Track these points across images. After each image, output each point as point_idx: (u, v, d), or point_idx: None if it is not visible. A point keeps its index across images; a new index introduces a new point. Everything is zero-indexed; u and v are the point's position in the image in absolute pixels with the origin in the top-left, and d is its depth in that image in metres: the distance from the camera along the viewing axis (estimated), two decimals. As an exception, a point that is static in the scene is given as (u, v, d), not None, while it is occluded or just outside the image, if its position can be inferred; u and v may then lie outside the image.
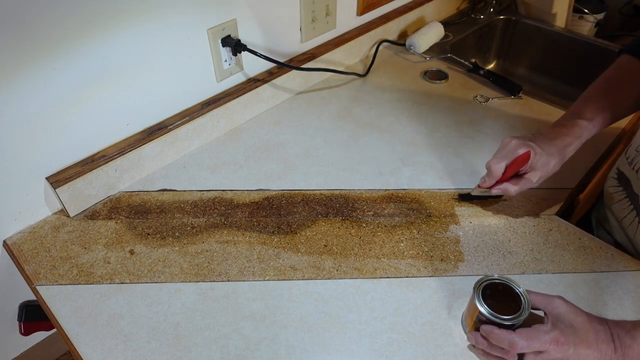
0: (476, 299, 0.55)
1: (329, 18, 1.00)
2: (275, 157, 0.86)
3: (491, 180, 0.69)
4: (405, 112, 0.97)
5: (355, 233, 0.72)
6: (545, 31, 1.28)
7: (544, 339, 0.51)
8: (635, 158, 0.67)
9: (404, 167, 0.84)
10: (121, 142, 0.77)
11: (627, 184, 0.69)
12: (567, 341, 0.51)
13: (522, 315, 0.54)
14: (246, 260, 0.68)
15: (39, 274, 0.66)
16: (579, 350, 0.51)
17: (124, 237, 0.71)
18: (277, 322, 0.61)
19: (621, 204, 0.70)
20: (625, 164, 0.70)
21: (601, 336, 0.52)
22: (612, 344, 0.52)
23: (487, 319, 0.54)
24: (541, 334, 0.52)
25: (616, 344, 0.52)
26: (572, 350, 0.51)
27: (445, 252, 0.69)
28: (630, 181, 0.68)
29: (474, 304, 0.55)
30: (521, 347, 0.52)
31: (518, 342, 0.52)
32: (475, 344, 0.57)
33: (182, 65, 0.79)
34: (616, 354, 0.51)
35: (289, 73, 0.96)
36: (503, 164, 0.67)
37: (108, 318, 0.61)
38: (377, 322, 0.61)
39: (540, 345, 0.51)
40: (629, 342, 0.52)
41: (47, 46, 0.62)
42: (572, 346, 0.51)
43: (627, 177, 0.69)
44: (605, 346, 0.52)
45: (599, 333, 0.52)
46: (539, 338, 0.52)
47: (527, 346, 0.52)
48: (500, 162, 0.67)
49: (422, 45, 1.13)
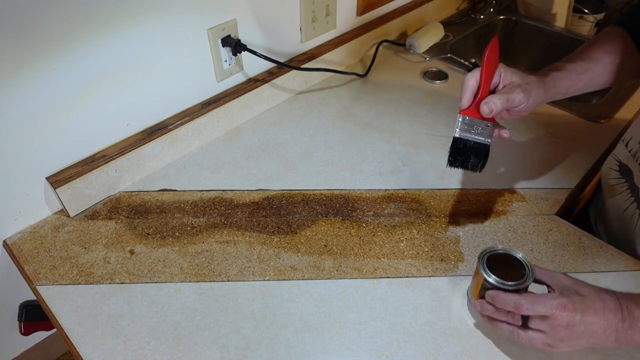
0: (481, 268, 0.55)
1: (329, 18, 1.00)
2: (275, 157, 0.86)
3: (466, 90, 0.60)
4: (405, 112, 0.97)
5: (355, 233, 0.72)
6: (545, 31, 1.28)
7: (550, 304, 0.51)
8: (638, 150, 0.67)
9: (404, 167, 0.84)
10: (121, 142, 0.77)
11: (629, 176, 0.69)
12: (575, 307, 0.50)
13: (527, 281, 0.54)
14: (246, 260, 0.68)
15: (39, 274, 0.66)
16: (586, 317, 0.50)
17: (124, 237, 0.71)
18: (277, 322, 0.61)
19: (622, 195, 0.70)
20: (628, 156, 0.69)
21: (609, 305, 0.51)
22: (620, 313, 0.51)
23: (492, 285, 0.54)
24: (547, 299, 0.52)
25: (624, 313, 0.51)
26: (579, 317, 0.50)
27: (445, 252, 0.69)
28: (633, 173, 0.68)
29: (479, 273, 0.56)
30: (526, 308, 0.51)
31: (523, 303, 0.51)
32: (481, 311, 0.57)
33: (182, 65, 0.79)
34: (623, 324, 0.51)
35: (289, 73, 0.96)
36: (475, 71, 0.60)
37: (108, 318, 0.61)
38: (377, 322, 0.61)
39: (546, 310, 0.51)
40: (638, 313, 0.51)
41: (47, 46, 0.62)
42: (580, 313, 0.50)
43: (630, 169, 0.69)
44: (612, 315, 0.51)
45: (606, 302, 0.51)
46: (545, 302, 0.51)
47: (532, 308, 0.51)
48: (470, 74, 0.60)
49: (422, 45, 1.13)
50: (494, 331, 0.59)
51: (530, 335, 0.53)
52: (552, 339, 0.52)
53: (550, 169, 0.83)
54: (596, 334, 0.51)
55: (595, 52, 0.68)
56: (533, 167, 0.83)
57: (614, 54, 0.68)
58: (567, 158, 0.85)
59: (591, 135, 0.90)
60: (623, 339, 0.51)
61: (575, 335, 0.51)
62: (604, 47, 0.69)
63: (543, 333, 0.52)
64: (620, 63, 0.68)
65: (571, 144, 0.88)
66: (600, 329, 0.51)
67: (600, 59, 0.68)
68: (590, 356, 0.57)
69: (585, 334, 0.51)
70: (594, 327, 0.51)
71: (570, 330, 0.51)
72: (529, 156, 0.86)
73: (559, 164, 0.84)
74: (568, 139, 0.89)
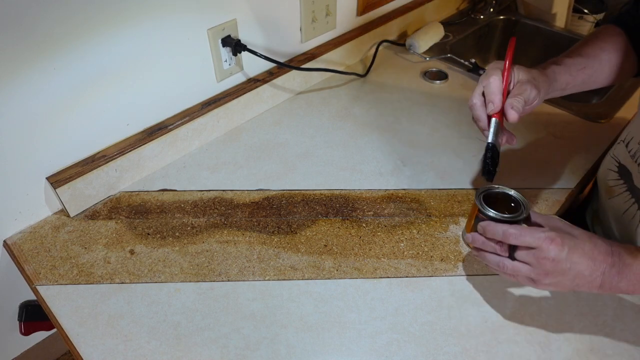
0: (477, 201, 0.56)
1: (329, 18, 1.00)
2: (275, 157, 0.86)
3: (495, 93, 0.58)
4: (405, 112, 0.97)
5: (355, 233, 0.72)
6: (545, 31, 1.28)
7: (538, 235, 0.51)
8: (637, 151, 0.67)
9: (404, 167, 0.84)
10: (121, 142, 0.77)
11: (628, 177, 0.68)
12: (563, 242, 0.50)
13: (521, 215, 0.54)
14: (246, 260, 0.68)
15: (39, 274, 0.66)
16: (573, 255, 0.50)
17: (124, 237, 0.71)
18: (277, 322, 0.61)
19: (622, 197, 0.70)
20: (627, 157, 0.69)
21: (599, 248, 0.51)
22: (610, 258, 0.50)
23: (486, 216, 0.55)
24: (536, 231, 0.51)
25: (614, 259, 0.51)
26: (565, 254, 0.50)
27: (445, 252, 0.69)
28: (632, 174, 0.68)
29: (474, 208, 0.56)
30: (514, 236, 0.51)
31: (512, 232, 0.51)
32: (472, 243, 0.57)
33: (182, 65, 0.79)
34: (611, 269, 0.50)
35: (289, 73, 0.96)
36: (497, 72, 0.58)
37: (108, 318, 0.61)
38: (377, 322, 0.61)
39: (534, 241, 0.50)
40: (629, 260, 0.50)
41: (47, 46, 0.62)
42: (567, 249, 0.50)
43: (629, 170, 0.68)
44: (601, 258, 0.50)
45: (597, 245, 0.51)
46: (533, 234, 0.51)
47: (520, 237, 0.51)
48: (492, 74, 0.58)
49: (422, 45, 1.13)
50: (494, 331, 0.59)
51: (515, 266, 0.53)
52: (536, 273, 0.52)
53: (550, 169, 0.83)
54: (582, 275, 0.50)
55: (594, 50, 0.69)
56: (533, 167, 0.83)
57: (612, 52, 0.68)
58: (567, 158, 0.85)
59: (591, 135, 0.90)
60: (608, 285, 0.51)
61: (560, 272, 0.51)
62: (601, 44, 0.69)
63: (528, 265, 0.52)
64: (618, 61, 0.68)
65: (571, 144, 0.88)
66: (587, 271, 0.50)
67: (598, 56, 0.68)
68: (590, 356, 0.57)
69: (570, 272, 0.50)
70: (580, 267, 0.50)
71: (555, 264, 0.50)
72: (529, 156, 0.86)
73: (559, 164, 0.84)
74: (568, 139, 0.89)
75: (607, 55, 0.68)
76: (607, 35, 0.70)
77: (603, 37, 0.70)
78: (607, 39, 0.69)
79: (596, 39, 0.70)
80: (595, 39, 0.70)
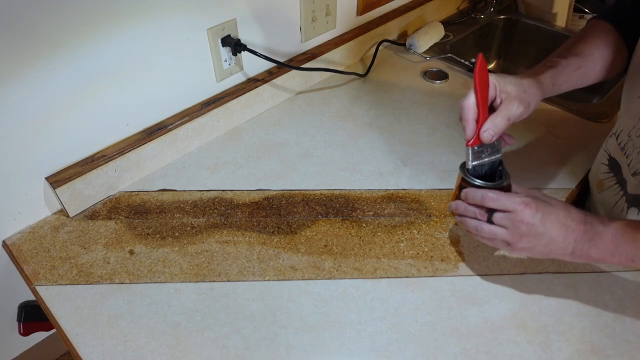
0: (461, 171, 0.59)
1: (329, 18, 1.00)
2: (275, 157, 0.86)
3: (468, 120, 0.57)
4: (405, 112, 0.97)
5: (355, 233, 0.72)
6: (545, 31, 1.28)
7: (514, 199, 0.53)
8: (627, 143, 0.66)
9: (404, 167, 0.84)
10: (121, 142, 0.77)
11: (618, 170, 0.68)
12: (537, 207, 0.53)
13: (502, 184, 0.57)
14: (246, 261, 0.68)
15: (39, 274, 0.66)
16: (546, 221, 0.53)
17: (124, 237, 0.71)
18: (277, 322, 0.61)
19: (612, 190, 0.69)
20: (617, 149, 0.69)
21: (573, 216, 0.53)
22: (583, 226, 0.53)
23: (469, 184, 0.57)
24: (513, 196, 0.54)
25: (587, 227, 0.53)
26: (539, 219, 0.52)
27: (445, 252, 0.69)
28: (621, 167, 0.68)
29: (459, 178, 0.59)
30: (492, 200, 0.54)
31: (490, 196, 0.54)
32: (455, 210, 0.60)
33: (182, 65, 0.79)
34: (583, 237, 0.53)
35: (289, 73, 0.96)
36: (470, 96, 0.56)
37: (108, 318, 0.61)
38: (377, 323, 0.61)
39: (509, 204, 0.53)
40: (600, 228, 0.53)
41: (47, 46, 0.62)
42: (540, 214, 0.53)
43: (618, 163, 0.68)
44: (574, 226, 0.53)
45: (571, 213, 0.54)
46: (510, 197, 0.54)
47: (497, 201, 0.54)
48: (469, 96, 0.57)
49: (422, 45, 1.13)
50: (494, 331, 0.59)
51: (492, 229, 0.56)
52: (512, 236, 0.54)
53: (551, 169, 0.83)
54: (555, 242, 0.53)
55: (588, 47, 0.69)
56: (533, 167, 0.83)
57: (604, 49, 0.69)
58: (568, 158, 0.85)
59: (592, 135, 0.90)
60: (579, 252, 0.53)
61: (534, 235, 0.53)
62: (594, 41, 0.69)
63: (504, 229, 0.55)
64: (610, 58, 0.69)
65: (571, 144, 0.88)
66: (559, 237, 0.53)
67: (592, 54, 0.69)
68: (590, 357, 0.57)
69: (544, 237, 0.53)
70: (553, 234, 0.53)
71: (530, 228, 0.53)
72: (529, 156, 0.86)
73: (559, 164, 0.84)
74: (568, 139, 0.89)
75: (600, 53, 0.69)
76: (599, 32, 0.70)
77: (596, 34, 0.70)
78: (600, 35, 0.70)
79: (589, 35, 0.70)
80: (589, 36, 0.70)
